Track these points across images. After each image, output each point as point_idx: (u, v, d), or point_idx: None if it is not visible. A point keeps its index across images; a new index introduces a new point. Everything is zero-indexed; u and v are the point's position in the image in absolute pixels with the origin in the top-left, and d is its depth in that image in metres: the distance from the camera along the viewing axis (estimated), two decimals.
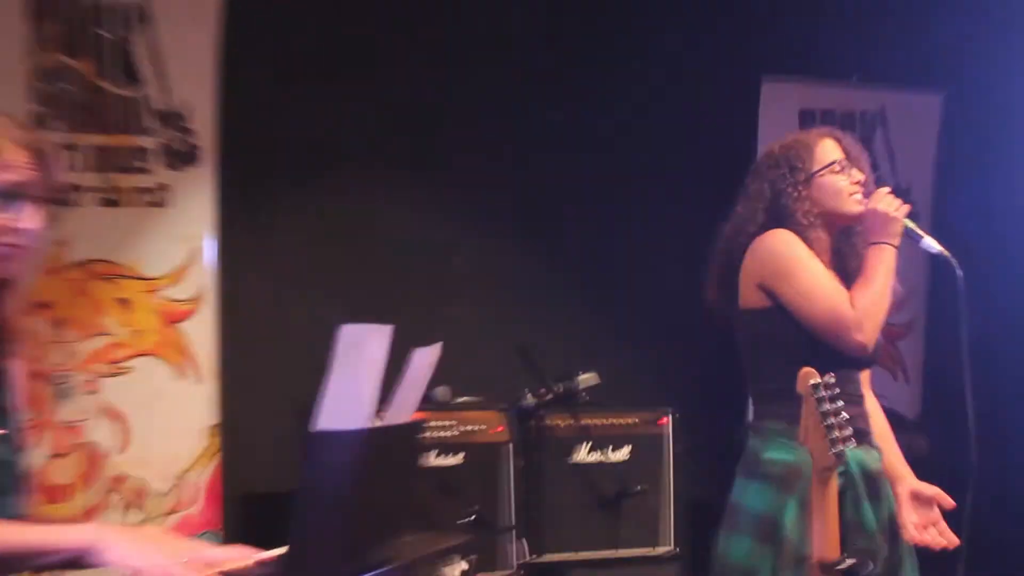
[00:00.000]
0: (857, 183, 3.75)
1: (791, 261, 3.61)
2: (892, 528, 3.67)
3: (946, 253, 3.69)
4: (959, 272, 3.64)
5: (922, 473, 3.77)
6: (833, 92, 7.42)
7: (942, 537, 3.70)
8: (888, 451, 3.83)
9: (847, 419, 3.19)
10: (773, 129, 6.89)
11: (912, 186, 7.47)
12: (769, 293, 3.64)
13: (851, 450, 3.43)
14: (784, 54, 7.24)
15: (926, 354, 7.40)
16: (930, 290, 7.17)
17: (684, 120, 7.15)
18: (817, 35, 7.25)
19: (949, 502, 3.72)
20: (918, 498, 3.74)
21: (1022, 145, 7.39)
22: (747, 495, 3.64)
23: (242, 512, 5.98)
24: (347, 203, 6.60)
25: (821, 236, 3.69)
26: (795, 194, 3.70)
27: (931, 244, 3.72)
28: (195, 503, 5.48)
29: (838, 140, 3.83)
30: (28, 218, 2.47)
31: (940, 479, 3.84)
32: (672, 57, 7.15)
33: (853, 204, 3.73)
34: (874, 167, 7.29)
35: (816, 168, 3.73)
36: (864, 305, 3.54)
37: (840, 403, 3.18)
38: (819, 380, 3.17)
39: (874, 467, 3.67)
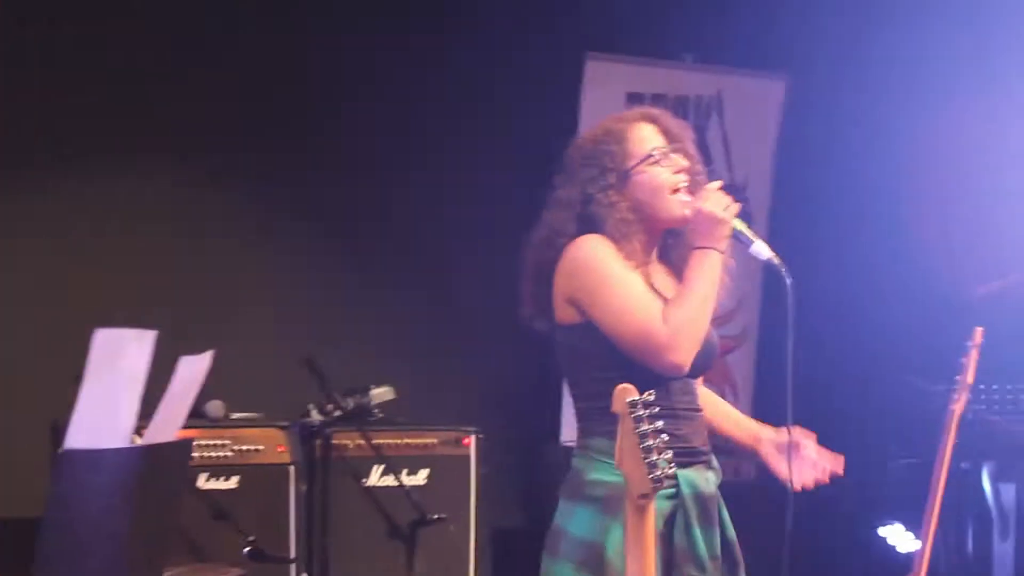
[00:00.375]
0: (681, 171, 3.69)
1: (598, 275, 3.59)
2: (730, 554, 3.73)
3: (776, 260, 3.67)
4: (788, 280, 3.65)
5: (751, 499, 3.86)
6: (665, 74, 7.53)
7: (823, 472, 3.81)
8: (732, 421, 3.94)
9: (668, 440, 3.20)
10: (597, 115, 6.92)
11: (749, 181, 7.62)
12: (579, 309, 3.66)
13: (684, 472, 3.54)
14: (611, 30, 7.32)
15: (757, 369, 7.59)
16: (764, 299, 7.33)
17: (501, 105, 7.20)
18: (649, 11, 7.34)
19: (809, 434, 3.82)
20: (782, 448, 3.82)
21: (865, 138, 7.61)
22: (570, 519, 3.64)
23: None
24: (105, 194, 6.54)
25: (641, 241, 3.68)
26: (606, 200, 3.65)
27: (761, 249, 3.66)
28: None
29: (655, 121, 3.76)
30: None
31: (769, 504, 3.96)
32: (488, 32, 7.16)
33: (675, 205, 3.68)
34: (707, 160, 7.50)
35: (631, 163, 3.68)
36: (678, 321, 3.53)
37: (660, 423, 3.19)
38: (637, 398, 3.19)
39: (708, 490, 3.69)
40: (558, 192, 3.75)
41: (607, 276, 3.58)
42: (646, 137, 3.72)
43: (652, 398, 3.19)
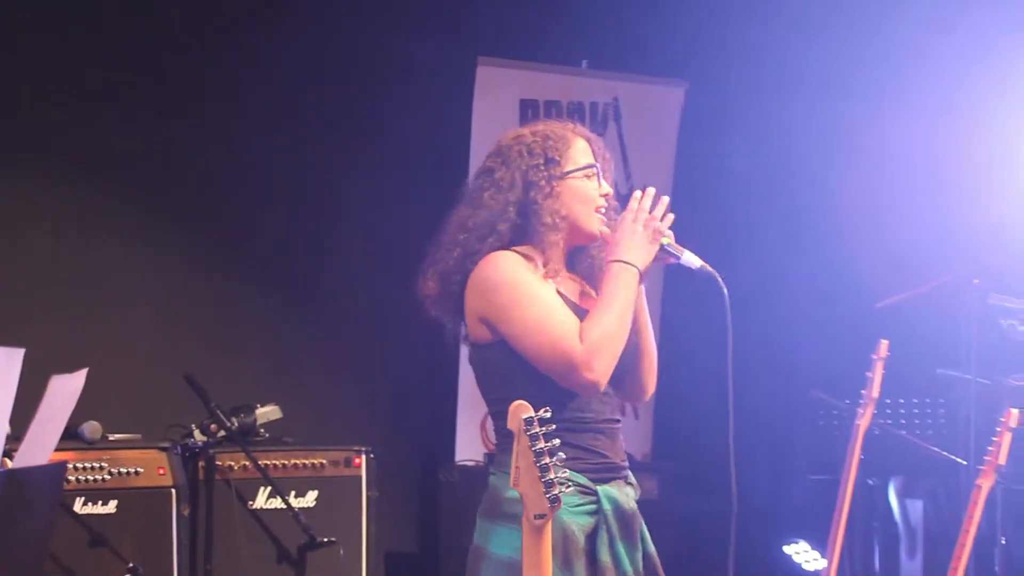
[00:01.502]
0: (605, 196, 3.78)
1: (510, 292, 3.62)
2: (652, 570, 3.75)
3: (709, 268, 3.72)
4: (724, 289, 3.68)
5: (651, 518, 3.86)
6: (559, 79, 7.53)
7: None
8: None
9: (564, 459, 3.22)
10: (490, 120, 6.98)
11: (647, 188, 7.63)
12: (491, 327, 3.68)
13: (604, 487, 3.57)
14: (504, 35, 7.33)
15: (658, 383, 7.54)
16: (663, 312, 7.33)
17: (392, 110, 7.17)
18: (543, 16, 7.36)
19: None
20: None
21: (764, 145, 7.67)
22: (489, 539, 3.65)
23: None
24: None
25: (560, 248, 3.74)
26: (547, 189, 3.73)
27: (691, 260, 3.73)
28: None
29: (590, 143, 3.85)
30: None
31: (670, 526, 3.97)
32: (378, 35, 7.14)
33: (595, 221, 3.76)
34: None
35: (571, 168, 3.76)
36: (595, 339, 3.56)
37: (556, 440, 3.21)
38: (532, 415, 3.19)
39: (628, 506, 3.71)
40: (496, 174, 3.79)
41: (520, 293, 3.61)
42: (585, 151, 3.79)
43: (548, 415, 3.20)
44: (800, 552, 7.11)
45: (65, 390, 2.54)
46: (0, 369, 2.21)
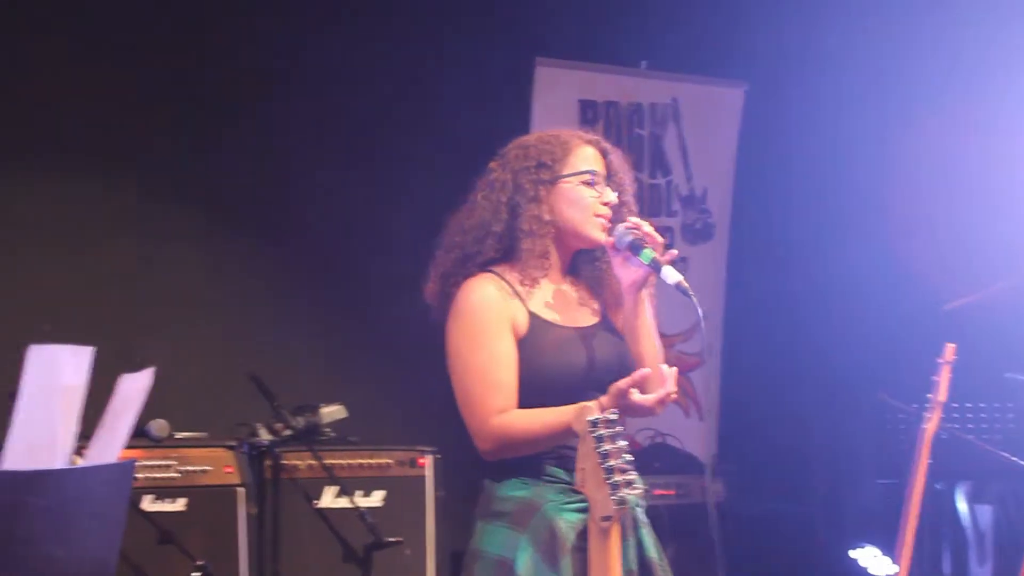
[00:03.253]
0: (608, 204, 3.79)
1: (467, 331, 3.75)
2: (646, 567, 3.74)
3: (686, 285, 3.63)
4: (700, 311, 3.61)
5: (720, 520, 3.84)
6: (618, 80, 7.51)
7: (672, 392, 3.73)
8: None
9: (630, 460, 3.22)
10: (548, 120, 6.93)
11: (709, 189, 7.61)
12: None
13: None
14: (562, 36, 7.30)
15: (722, 387, 7.51)
16: (727, 317, 7.29)
17: (450, 111, 7.14)
18: (602, 17, 7.34)
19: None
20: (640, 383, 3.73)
21: (826, 145, 7.61)
22: (483, 538, 3.74)
23: None
24: (40, 203, 6.42)
25: (550, 253, 3.78)
26: (532, 192, 3.77)
27: (668, 275, 3.65)
28: None
29: (604, 153, 3.87)
30: None
31: (738, 528, 3.94)
32: (437, 35, 7.13)
33: (593, 227, 3.78)
34: (665, 169, 7.52)
35: (565, 171, 3.79)
36: (510, 430, 3.64)
37: (622, 443, 3.21)
38: (598, 416, 3.19)
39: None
40: (491, 175, 3.88)
41: (473, 335, 3.73)
42: (588, 158, 3.84)
43: (615, 416, 3.21)
44: (867, 556, 7.04)
45: (133, 388, 2.53)
46: (70, 368, 2.20)
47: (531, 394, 3.65)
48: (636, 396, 3.49)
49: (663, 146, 7.48)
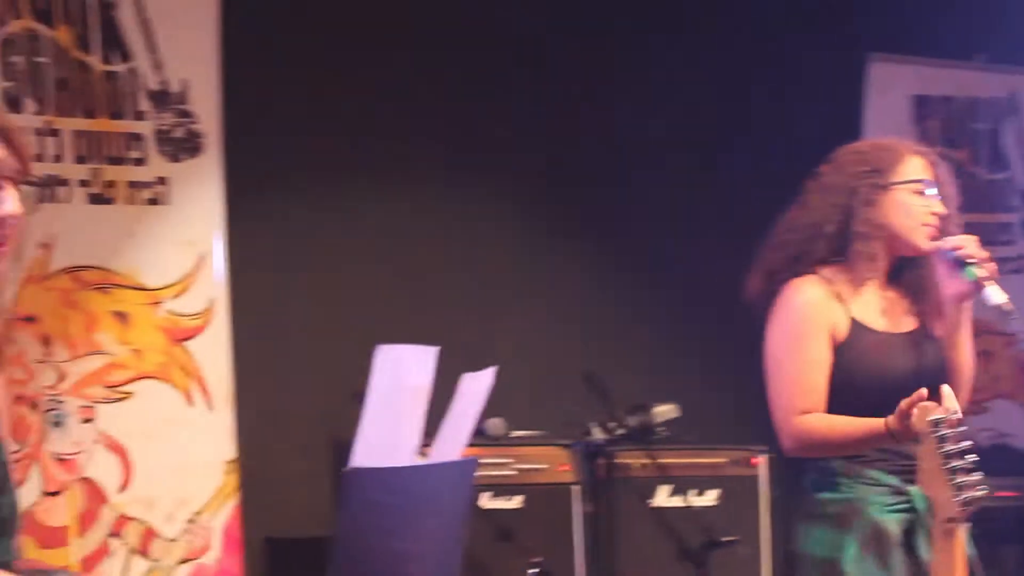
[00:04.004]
0: (935, 214, 3.82)
1: (786, 333, 3.86)
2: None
3: (1010, 307, 3.66)
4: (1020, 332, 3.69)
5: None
6: (953, 75, 7.34)
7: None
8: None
9: (975, 461, 3.15)
10: (882, 117, 6.88)
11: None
12: None
13: (915, 488, 3.53)
14: (896, 31, 7.16)
15: None
16: None
17: (780, 110, 7.07)
18: (936, 10, 7.17)
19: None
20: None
21: None
22: (807, 541, 3.80)
23: (265, 560, 5.98)
24: (379, 212, 6.55)
25: (879, 257, 3.83)
26: (868, 196, 3.82)
27: (992, 294, 3.67)
28: (210, 550, 5.47)
29: (932, 164, 3.92)
30: (7, 203, 2.29)
31: None
32: (766, 34, 7.07)
33: (920, 235, 3.82)
34: (1002, 165, 7.31)
35: (897, 179, 3.84)
36: (810, 434, 3.73)
37: (967, 443, 3.15)
38: (941, 416, 3.14)
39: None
40: (824, 178, 3.96)
41: (791, 340, 3.85)
42: (919, 167, 3.90)
43: (959, 415, 3.17)
44: None
45: (476, 388, 2.58)
46: (416, 367, 2.25)
47: (851, 397, 3.72)
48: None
49: (1000, 141, 7.29)
